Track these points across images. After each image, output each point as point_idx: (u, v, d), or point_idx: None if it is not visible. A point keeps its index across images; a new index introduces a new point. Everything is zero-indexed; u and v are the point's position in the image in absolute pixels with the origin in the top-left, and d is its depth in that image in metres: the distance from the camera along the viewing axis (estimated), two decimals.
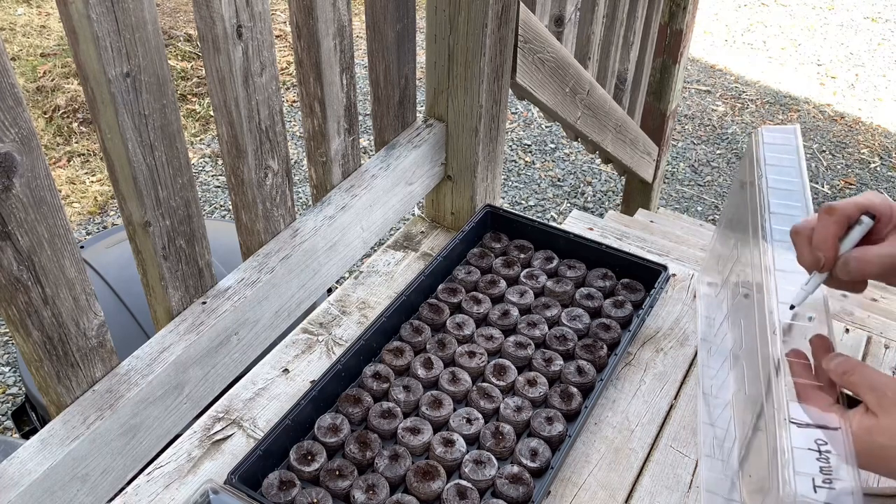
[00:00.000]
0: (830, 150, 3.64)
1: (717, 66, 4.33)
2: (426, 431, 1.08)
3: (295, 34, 1.10)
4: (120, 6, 0.80)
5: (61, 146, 3.31)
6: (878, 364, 1.30)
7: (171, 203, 0.96)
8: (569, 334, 1.23)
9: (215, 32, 0.93)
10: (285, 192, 1.16)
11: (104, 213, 3.02)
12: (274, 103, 1.06)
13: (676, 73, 2.41)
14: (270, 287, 1.14)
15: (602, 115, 1.99)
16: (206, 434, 1.12)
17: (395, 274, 1.42)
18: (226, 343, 1.09)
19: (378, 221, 1.35)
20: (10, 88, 0.73)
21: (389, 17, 1.23)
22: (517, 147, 3.56)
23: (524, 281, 1.34)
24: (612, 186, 3.34)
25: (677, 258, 1.58)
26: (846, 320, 1.40)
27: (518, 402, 1.12)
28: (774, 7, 5.04)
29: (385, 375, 1.16)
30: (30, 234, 0.81)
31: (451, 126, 1.41)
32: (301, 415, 1.07)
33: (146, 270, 1.01)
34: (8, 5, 4.31)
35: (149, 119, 0.88)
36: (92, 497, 0.96)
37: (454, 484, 1.02)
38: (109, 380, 0.97)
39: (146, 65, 0.85)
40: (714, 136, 3.72)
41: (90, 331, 0.93)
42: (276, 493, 1.00)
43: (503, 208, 1.45)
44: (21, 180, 0.78)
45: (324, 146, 1.22)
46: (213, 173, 3.26)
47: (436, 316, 1.26)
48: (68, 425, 0.92)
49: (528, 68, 1.49)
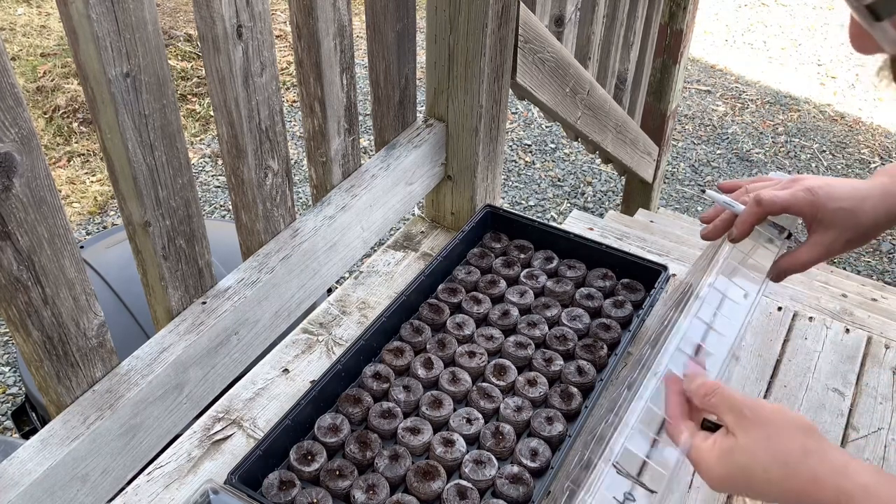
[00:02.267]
0: (831, 151, 3.64)
1: (717, 66, 4.32)
2: (426, 431, 1.08)
3: (295, 34, 1.10)
4: (120, 6, 0.80)
5: (61, 146, 3.31)
6: (878, 364, 1.30)
7: (171, 203, 0.96)
8: (569, 334, 1.23)
9: (215, 32, 0.93)
10: (285, 192, 1.16)
11: (104, 213, 3.02)
12: (274, 103, 1.06)
13: (676, 73, 2.41)
14: (270, 287, 1.14)
15: (602, 115, 1.99)
16: (206, 434, 1.12)
17: (395, 274, 1.42)
18: (226, 343, 1.09)
19: (378, 221, 1.35)
20: (10, 88, 0.73)
21: (389, 17, 1.23)
22: (517, 147, 3.56)
23: (524, 281, 1.34)
24: (612, 186, 3.34)
25: (677, 258, 1.58)
26: (846, 320, 1.40)
27: (518, 402, 1.12)
28: (775, 7, 5.03)
29: (385, 375, 1.16)
30: (30, 234, 0.81)
31: (452, 126, 1.41)
32: (301, 415, 1.07)
33: (146, 270, 1.01)
34: (8, 5, 4.31)
35: (149, 119, 0.88)
36: (92, 497, 0.96)
37: (454, 484, 1.02)
38: (109, 380, 0.97)
39: (146, 65, 0.85)
40: (714, 136, 3.72)
41: (90, 331, 0.93)
42: (276, 493, 1.00)
43: (503, 208, 1.45)
44: (21, 180, 0.78)
45: (324, 146, 1.22)
46: (213, 173, 3.26)
47: (436, 316, 1.26)
48: (68, 425, 0.92)
49: (528, 68, 1.49)
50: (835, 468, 0.63)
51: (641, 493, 0.71)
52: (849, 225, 0.80)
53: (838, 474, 0.63)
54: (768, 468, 0.64)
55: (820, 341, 1.34)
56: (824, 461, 0.63)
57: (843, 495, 0.61)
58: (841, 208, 0.80)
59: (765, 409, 0.67)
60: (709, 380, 0.72)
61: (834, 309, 1.43)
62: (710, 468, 0.68)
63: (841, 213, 0.80)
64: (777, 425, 0.65)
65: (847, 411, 1.22)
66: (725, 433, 0.68)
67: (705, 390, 0.71)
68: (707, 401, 0.70)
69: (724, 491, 0.70)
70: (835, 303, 1.46)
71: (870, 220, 0.79)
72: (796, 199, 0.81)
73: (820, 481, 0.63)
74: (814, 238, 0.82)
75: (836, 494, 0.62)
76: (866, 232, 0.81)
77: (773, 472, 0.64)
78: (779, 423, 0.66)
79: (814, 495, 0.63)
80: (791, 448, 0.64)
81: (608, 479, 0.72)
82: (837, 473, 0.63)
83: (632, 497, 0.71)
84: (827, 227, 0.81)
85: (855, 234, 0.80)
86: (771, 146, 3.65)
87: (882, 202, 0.79)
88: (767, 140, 3.70)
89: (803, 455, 0.64)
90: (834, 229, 0.80)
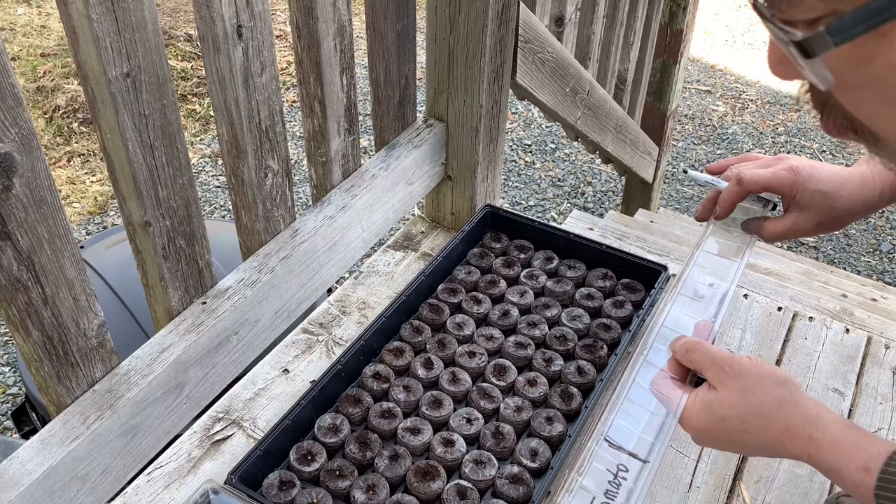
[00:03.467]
0: (831, 150, 3.64)
1: (717, 66, 4.32)
2: (426, 431, 1.08)
3: (295, 34, 1.10)
4: (120, 6, 0.79)
5: (61, 146, 3.31)
6: (878, 364, 1.30)
7: (171, 203, 0.96)
8: (569, 334, 1.23)
9: (215, 32, 0.93)
10: (285, 192, 1.16)
11: (104, 213, 3.02)
12: (274, 103, 1.06)
13: (677, 73, 2.41)
14: (270, 287, 1.14)
15: (602, 115, 1.99)
16: (206, 434, 1.12)
17: (395, 274, 1.42)
18: (226, 343, 1.09)
19: (378, 221, 1.35)
20: (10, 88, 0.73)
21: (389, 17, 1.22)
22: (517, 147, 3.56)
23: (524, 281, 1.34)
24: (612, 186, 3.34)
25: (677, 258, 1.58)
26: (846, 320, 1.40)
27: (518, 402, 1.12)
28: None
29: (385, 375, 1.15)
30: (30, 234, 0.81)
31: (452, 126, 1.41)
32: (301, 415, 1.07)
33: (146, 270, 1.01)
34: (8, 5, 4.31)
35: (149, 119, 0.88)
36: (92, 497, 0.96)
37: (454, 484, 1.02)
38: (109, 380, 0.97)
39: (146, 65, 0.85)
40: (714, 137, 3.72)
41: (90, 331, 0.93)
42: (276, 493, 0.99)
43: (503, 208, 1.45)
44: (21, 180, 0.78)
45: (324, 146, 1.22)
46: (213, 173, 3.26)
47: (436, 316, 1.26)
48: (68, 425, 0.92)
49: (528, 68, 1.49)
50: (807, 418, 0.65)
51: (635, 464, 0.72)
52: (824, 208, 0.82)
53: (810, 424, 0.65)
54: (745, 419, 0.66)
55: (820, 341, 1.34)
56: (797, 411, 0.66)
57: (814, 444, 0.64)
58: (819, 191, 0.81)
59: (742, 364, 0.69)
60: (692, 338, 0.74)
61: (834, 309, 1.43)
62: (691, 421, 0.70)
63: (818, 195, 0.81)
64: (753, 378, 0.67)
65: (847, 411, 1.22)
66: (707, 388, 0.70)
67: (686, 347, 0.73)
68: (688, 357, 0.72)
69: (707, 444, 0.72)
70: (835, 303, 1.46)
71: (845, 205, 0.81)
72: (777, 178, 0.83)
73: (792, 430, 0.65)
74: (788, 216, 0.85)
75: (807, 444, 0.64)
76: (840, 217, 0.82)
77: (749, 422, 0.66)
78: (755, 376, 0.67)
79: (787, 444, 0.65)
80: (766, 399, 0.66)
81: (600, 454, 0.73)
82: (809, 423, 0.65)
83: (625, 468, 0.73)
84: (803, 207, 0.83)
85: (828, 217, 0.82)
86: (771, 146, 3.65)
87: (859, 190, 0.81)
88: (767, 140, 3.70)
89: (777, 405, 0.66)
90: (809, 211, 0.82)
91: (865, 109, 0.41)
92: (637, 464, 0.72)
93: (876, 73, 0.38)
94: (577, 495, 0.71)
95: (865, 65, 0.38)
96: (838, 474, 0.63)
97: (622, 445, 0.73)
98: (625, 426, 0.74)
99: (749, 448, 0.68)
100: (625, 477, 0.72)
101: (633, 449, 0.73)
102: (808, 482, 1.10)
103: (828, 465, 0.64)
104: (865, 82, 0.39)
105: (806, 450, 0.64)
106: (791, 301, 1.43)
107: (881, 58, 0.37)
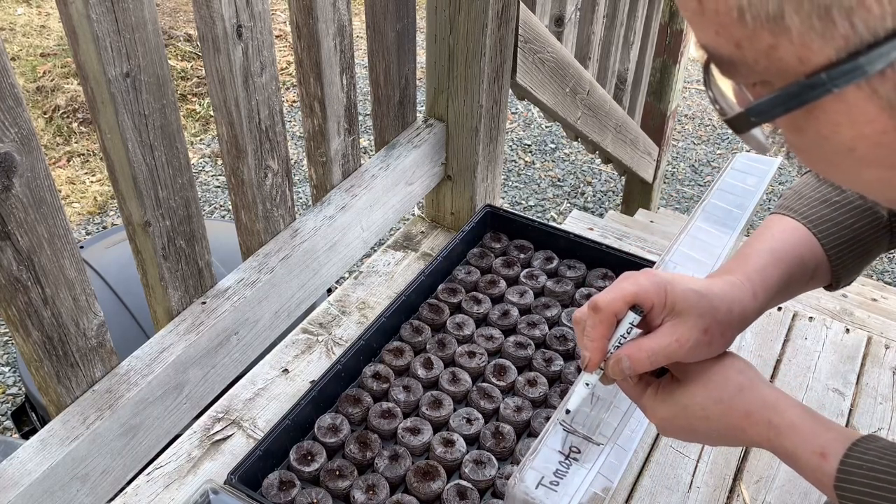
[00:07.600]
0: None
1: None
2: (426, 431, 1.08)
3: (295, 34, 1.10)
4: (120, 6, 0.79)
5: (61, 146, 3.31)
6: (878, 364, 1.30)
7: (171, 203, 0.96)
8: (569, 334, 1.23)
9: (215, 32, 0.93)
10: (285, 192, 1.16)
11: (104, 213, 3.02)
12: (274, 103, 1.06)
13: (677, 73, 2.41)
14: (270, 287, 1.14)
15: (602, 115, 1.99)
16: (206, 434, 1.12)
17: (395, 274, 1.42)
18: (225, 343, 1.09)
19: (378, 221, 1.35)
20: (10, 88, 0.73)
21: (389, 17, 1.22)
22: (517, 147, 3.56)
23: (524, 281, 1.34)
24: (612, 186, 3.34)
25: None
26: (846, 320, 1.40)
27: (518, 402, 1.12)
28: None
29: (385, 375, 1.15)
30: (30, 234, 0.81)
31: (451, 126, 1.41)
32: (301, 415, 1.07)
33: (146, 270, 1.01)
34: (8, 5, 4.31)
35: (149, 119, 0.88)
36: (92, 497, 0.96)
37: (454, 484, 1.02)
38: (109, 380, 0.97)
39: (146, 65, 0.85)
40: (714, 136, 3.72)
41: (90, 331, 0.93)
42: (276, 493, 0.99)
43: (503, 208, 1.45)
44: (21, 180, 0.78)
45: (324, 146, 1.22)
46: (213, 173, 3.26)
47: (436, 316, 1.26)
48: (68, 425, 0.92)
49: (528, 68, 1.49)
50: (766, 403, 0.65)
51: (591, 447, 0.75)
52: (703, 309, 0.66)
53: (769, 409, 0.64)
54: (706, 406, 0.66)
55: (820, 341, 1.34)
56: (756, 396, 0.65)
57: (773, 429, 0.64)
58: (691, 289, 0.67)
59: None
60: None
61: (834, 309, 1.43)
62: (654, 409, 0.69)
63: (692, 294, 0.67)
64: (714, 366, 0.67)
65: (847, 411, 1.22)
66: (671, 377, 0.69)
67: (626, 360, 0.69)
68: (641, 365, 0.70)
69: (670, 434, 0.70)
70: (835, 303, 1.46)
71: (725, 306, 0.68)
72: (639, 285, 0.66)
73: (752, 416, 0.65)
74: (664, 328, 0.66)
75: (766, 428, 0.64)
76: (724, 321, 0.68)
77: (709, 409, 0.66)
78: (716, 365, 0.67)
79: (747, 430, 0.65)
80: (726, 385, 0.66)
81: (552, 438, 0.75)
82: (768, 408, 0.64)
83: (577, 450, 0.74)
84: (679, 313, 0.66)
85: (713, 321, 0.67)
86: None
87: (729, 288, 0.70)
88: None
89: (737, 391, 0.66)
90: (688, 316, 0.66)
91: (814, 167, 0.42)
92: (592, 447, 0.75)
93: (812, 140, 0.38)
94: (528, 474, 0.73)
95: (800, 133, 0.39)
96: (796, 459, 0.63)
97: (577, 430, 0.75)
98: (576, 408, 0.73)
99: (712, 435, 0.68)
100: (576, 458, 0.74)
101: (593, 433, 0.75)
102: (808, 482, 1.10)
103: (786, 449, 0.64)
104: (806, 146, 0.39)
105: (766, 435, 0.64)
106: (791, 301, 1.43)
107: (813, 129, 0.37)
